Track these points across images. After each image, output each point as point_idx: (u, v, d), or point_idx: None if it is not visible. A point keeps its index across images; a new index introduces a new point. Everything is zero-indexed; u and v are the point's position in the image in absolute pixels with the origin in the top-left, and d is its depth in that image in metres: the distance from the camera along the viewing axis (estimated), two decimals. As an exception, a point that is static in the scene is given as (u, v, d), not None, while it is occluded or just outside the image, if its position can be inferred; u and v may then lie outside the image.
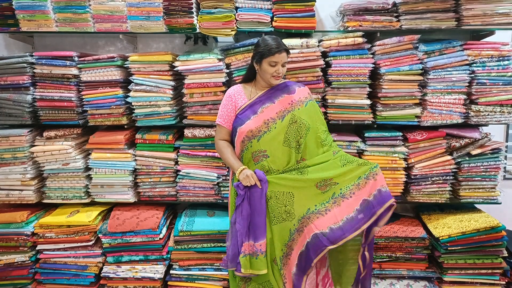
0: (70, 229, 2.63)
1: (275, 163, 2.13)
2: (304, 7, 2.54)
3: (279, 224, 2.09)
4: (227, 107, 2.22)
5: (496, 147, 2.63)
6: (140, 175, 2.74)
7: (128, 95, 2.65)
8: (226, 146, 2.24)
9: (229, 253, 2.14)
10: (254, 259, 2.07)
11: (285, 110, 2.16)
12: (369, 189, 2.03)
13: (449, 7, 2.55)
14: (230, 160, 2.18)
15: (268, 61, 2.11)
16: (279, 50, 2.09)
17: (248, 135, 2.13)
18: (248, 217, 2.08)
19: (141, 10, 2.57)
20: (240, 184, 2.09)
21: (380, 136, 2.65)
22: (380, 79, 2.59)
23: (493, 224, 2.51)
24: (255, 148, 2.13)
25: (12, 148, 2.65)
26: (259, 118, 2.14)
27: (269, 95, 2.20)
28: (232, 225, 2.15)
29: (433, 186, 2.68)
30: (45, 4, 2.57)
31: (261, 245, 2.07)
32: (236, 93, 2.24)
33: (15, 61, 2.61)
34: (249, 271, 2.07)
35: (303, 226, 2.06)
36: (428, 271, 2.68)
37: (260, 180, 2.08)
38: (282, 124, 2.13)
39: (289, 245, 2.09)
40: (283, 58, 2.11)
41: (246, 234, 2.08)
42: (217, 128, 2.28)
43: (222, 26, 2.57)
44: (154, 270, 2.67)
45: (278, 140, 2.12)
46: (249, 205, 2.09)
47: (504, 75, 2.57)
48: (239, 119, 2.17)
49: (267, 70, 2.13)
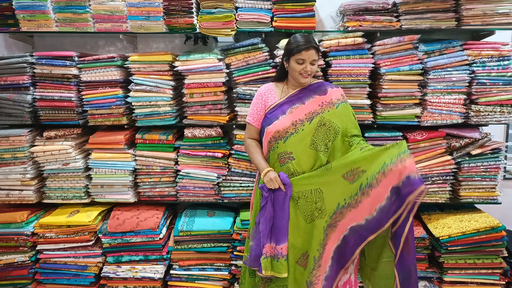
0: (70, 229, 2.63)
1: (300, 166, 2.08)
2: (304, 7, 2.54)
3: (313, 222, 2.06)
4: (257, 105, 2.17)
5: (496, 147, 2.63)
6: (140, 175, 2.74)
7: (128, 95, 2.65)
8: (255, 145, 2.20)
9: (252, 253, 2.13)
10: (275, 262, 2.06)
11: (314, 112, 2.08)
12: (398, 176, 1.87)
13: (449, 7, 2.55)
14: (256, 160, 2.16)
15: (295, 59, 2.03)
16: (306, 47, 2.00)
17: (275, 136, 2.08)
18: (271, 219, 2.06)
19: (141, 10, 2.57)
20: (264, 186, 2.07)
21: (380, 136, 2.65)
22: (380, 79, 2.59)
23: (493, 224, 2.51)
24: (281, 150, 2.08)
25: (12, 148, 2.65)
26: (287, 119, 2.08)
27: (300, 95, 2.13)
28: (256, 225, 2.13)
29: (433, 186, 2.67)
30: (45, 4, 2.57)
31: (282, 249, 2.06)
32: (267, 92, 2.18)
33: (15, 61, 2.61)
34: (270, 273, 2.06)
35: (336, 221, 2.02)
36: (428, 271, 2.68)
37: (284, 184, 2.05)
38: (310, 126, 2.06)
39: (324, 244, 2.05)
40: (311, 55, 2.02)
41: (268, 236, 2.06)
42: (246, 126, 2.23)
43: (222, 26, 2.57)
44: (154, 270, 2.67)
45: (305, 142, 2.06)
46: (272, 208, 2.07)
47: (504, 75, 2.57)
48: (268, 118, 2.12)
49: (295, 68, 2.05)
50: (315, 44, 2.04)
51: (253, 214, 2.22)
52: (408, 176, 1.84)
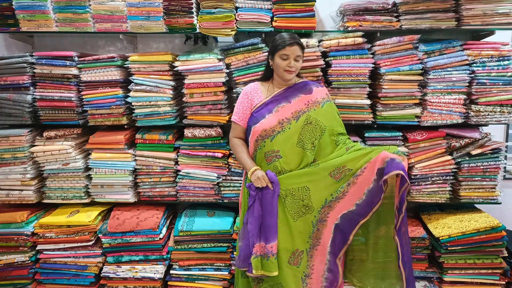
0: (70, 229, 2.63)
1: (287, 164, 2.11)
2: (304, 7, 2.54)
3: (300, 218, 2.09)
4: (243, 105, 2.20)
5: (496, 147, 2.62)
6: (140, 175, 2.74)
7: (128, 95, 2.65)
8: (240, 144, 2.22)
9: (241, 253, 2.13)
10: (265, 261, 2.06)
11: (301, 111, 2.13)
12: (383, 159, 1.97)
13: (449, 7, 2.55)
14: (243, 159, 2.17)
15: (280, 54, 2.08)
16: (290, 43, 2.06)
17: (261, 135, 2.10)
18: (260, 218, 2.08)
19: (141, 10, 2.57)
20: (252, 185, 2.08)
21: (380, 136, 2.65)
22: (380, 79, 2.59)
23: (493, 224, 2.51)
24: (268, 148, 2.10)
25: (12, 148, 2.65)
26: (274, 118, 2.11)
27: (286, 94, 2.17)
28: (244, 225, 2.13)
29: (433, 186, 2.67)
30: (45, 4, 2.57)
31: (272, 247, 2.06)
32: (253, 91, 2.21)
33: (15, 61, 2.61)
34: (260, 272, 2.07)
35: (325, 215, 2.08)
36: (428, 271, 2.68)
37: (272, 182, 2.07)
38: (297, 124, 2.10)
39: (315, 236, 2.10)
40: (295, 51, 2.07)
41: (258, 235, 2.07)
42: (232, 126, 2.25)
43: (222, 26, 2.57)
44: (154, 270, 2.67)
45: (292, 141, 2.10)
46: (260, 206, 2.08)
47: (504, 75, 2.57)
48: (254, 117, 2.15)
49: (279, 64, 2.10)
50: (299, 41, 2.10)
51: (242, 214, 2.23)
52: (392, 158, 1.95)
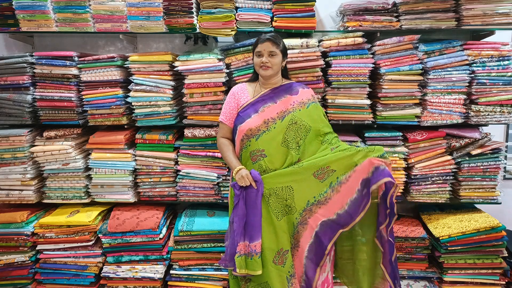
0: (70, 229, 2.63)
1: (272, 163, 2.13)
2: (304, 7, 2.54)
3: (284, 217, 2.11)
4: (230, 105, 2.24)
5: (496, 147, 2.63)
6: (140, 175, 2.74)
7: (128, 95, 2.65)
8: (227, 144, 2.25)
9: (227, 252, 2.15)
10: (249, 260, 2.07)
11: (286, 111, 2.17)
12: (367, 168, 2.00)
13: (449, 7, 2.55)
14: (228, 159, 2.20)
15: (255, 53, 2.18)
16: (262, 40, 2.14)
17: (247, 134, 2.14)
18: (244, 217, 2.09)
19: (141, 10, 2.57)
20: (236, 184, 2.10)
21: (380, 136, 2.65)
22: (380, 79, 2.59)
23: (493, 224, 2.51)
24: (253, 147, 2.14)
25: (12, 148, 2.65)
26: (260, 117, 2.15)
27: (272, 94, 2.21)
28: (230, 224, 2.16)
29: (433, 186, 2.68)
30: (45, 4, 2.57)
31: (256, 246, 2.07)
32: (240, 91, 2.26)
33: (15, 61, 2.61)
34: (245, 271, 2.07)
35: (306, 218, 2.09)
36: (428, 271, 2.68)
37: (256, 181, 2.09)
38: (282, 124, 2.14)
39: (296, 237, 2.12)
40: (267, 47, 2.13)
41: (242, 234, 2.08)
42: (219, 125, 2.29)
43: (222, 26, 2.57)
44: (154, 270, 2.67)
45: (277, 140, 2.13)
46: (244, 205, 2.09)
47: (504, 75, 2.57)
48: (240, 117, 2.19)
49: (256, 62, 2.18)
50: (272, 37, 2.14)
51: (229, 213, 2.25)
52: (377, 167, 1.97)
